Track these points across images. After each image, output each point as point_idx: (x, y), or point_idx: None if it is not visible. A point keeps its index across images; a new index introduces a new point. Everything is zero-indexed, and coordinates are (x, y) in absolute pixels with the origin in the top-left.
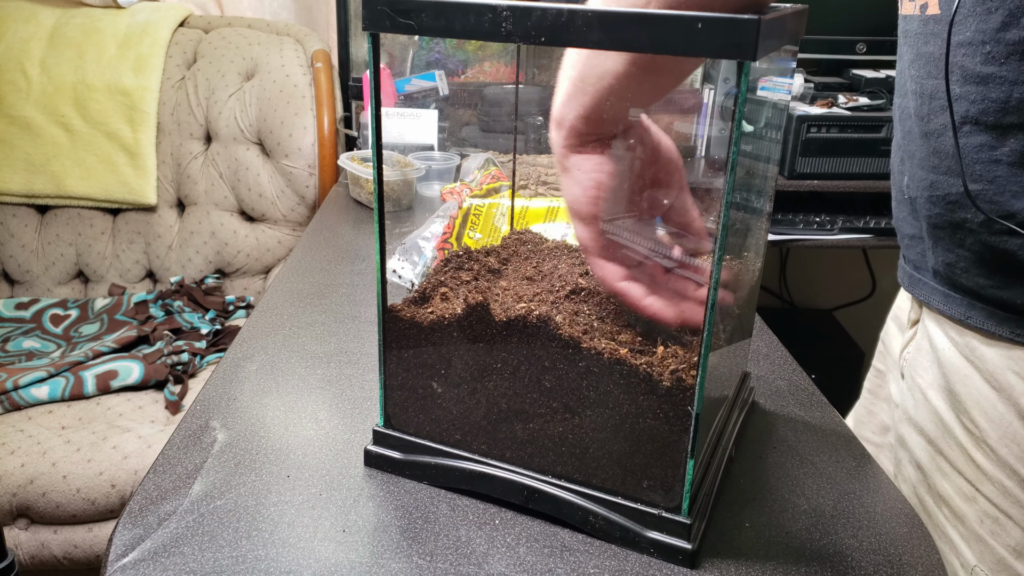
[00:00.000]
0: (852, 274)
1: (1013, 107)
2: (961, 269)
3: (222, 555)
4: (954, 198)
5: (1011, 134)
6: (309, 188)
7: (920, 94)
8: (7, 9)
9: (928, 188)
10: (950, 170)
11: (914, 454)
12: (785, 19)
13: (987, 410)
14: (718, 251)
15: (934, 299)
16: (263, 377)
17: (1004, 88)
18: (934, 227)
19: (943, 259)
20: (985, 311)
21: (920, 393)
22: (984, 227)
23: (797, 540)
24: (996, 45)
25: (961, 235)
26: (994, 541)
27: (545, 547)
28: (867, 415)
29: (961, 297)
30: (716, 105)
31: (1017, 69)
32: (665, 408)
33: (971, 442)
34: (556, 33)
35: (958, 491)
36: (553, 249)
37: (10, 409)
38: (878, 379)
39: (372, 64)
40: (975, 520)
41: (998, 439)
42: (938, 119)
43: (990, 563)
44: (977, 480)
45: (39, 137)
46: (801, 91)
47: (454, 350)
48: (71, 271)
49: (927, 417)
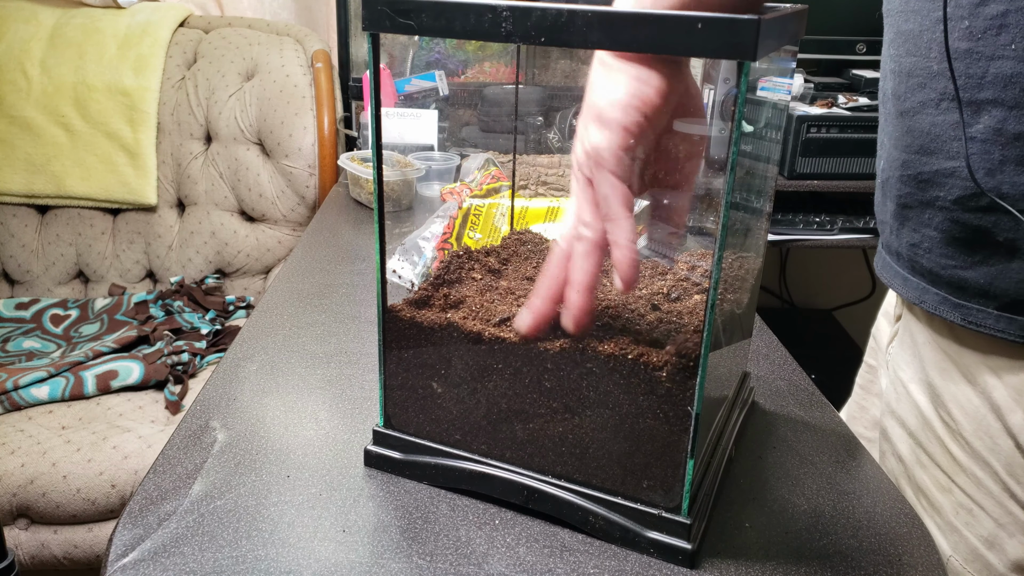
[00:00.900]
0: (852, 274)
1: (988, 82)
2: (925, 249)
3: (222, 555)
4: (926, 176)
5: (984, 110)
6: (309, 188)
7: (898, 73)
8: (7, 9)
9: (900, 167)
10: (922, 148)
11: (896, 447)
12: (785, 19)
13: (963, 403)
14: (718, 251)
15: (895, 283)
16: (263, 377)
17: (981, 64)
18: (903, 207)
19: (908, 239)
20: (938, 296)
21: (902, 386)
22: (957, 204)
23: (797, 540)
24: (975, 20)
25: (930, 213)
26: (968, 532)
27: (545, 547)
28: (859, 410)
29: (918, 281)
30: (716, 105)
31: (993, 44)
32: (665, 408)
33: (948, 434)
34: (556, 33)
35: (935, 482)
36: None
37: (10, 409)
38: (869, 374)
39: (372, 64)
40: (950, 511)
41: (973, 432)
42: (914, 97)
43: (964, 553)
44: (953, 472)
45: (39, 137)
46: (801, 91)
47: (454, 350)
48: (71, 271)
49: (908, 410)
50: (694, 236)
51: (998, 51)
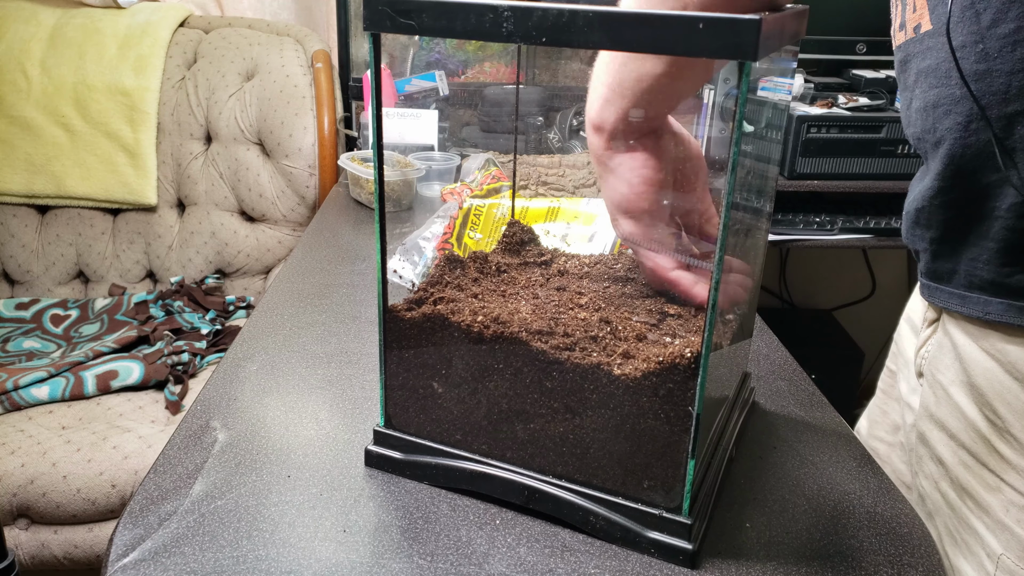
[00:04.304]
0: (852, 274)
1: (1014, 95)
2: (984, 261)
3: (222, 555)
4: (975, 193)
5: (1017, 122)
6: (309, 188)
7: (923, 109)
8: (7, 9)
9: (940, 194)
10: (960, 171)
11: (935, 450)
12: (785, 19)
13: (1009, 400)
14: (718, 251)
15: (952, 303)
16: (263, 377)
17: (1002, 80)
18: (951, 229)
19: (966, 255)
20: (1003, 304)
21: (942, 390)
22: (1011, 211)
23: (797, 540)
24: (989, 41)
25: (987, 225)
26: (1020, 528)
27: (545, 547)
28: (880, 415)
29: (978, 296)
30: (716, 105)
31: (1011, 59)
32: (666, 408)
33: (995, 434)
34: (557, 33)
35: (982, 483)
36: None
37: (10, 409)
38: (891, 379)
39: (372, 64)
40: (1000, 509)
41: (1021, 428)
42: (943, 124)
43: (1016, 550)
44: (1001, 470)
45: (39, 137)
46: (801, 91)
47: (454, 350)
48: (71, 271)
49: (949, 413)
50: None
51: (1016, 65)
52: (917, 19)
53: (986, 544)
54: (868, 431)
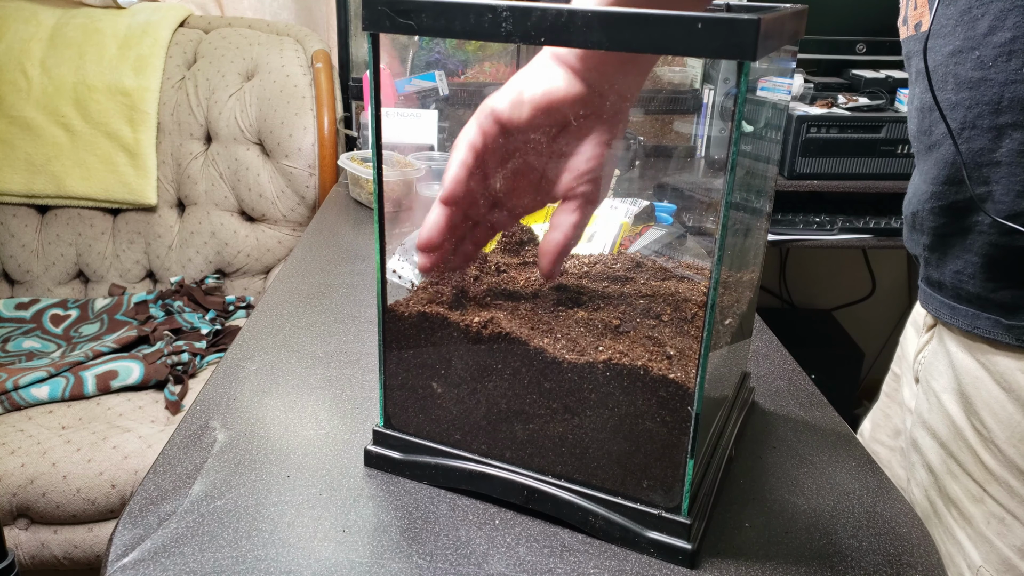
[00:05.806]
0: (852, 274)
1: (1005, 107)
2: (969, 275)
3: (222, 555)
4: (961, 204)
5: (1006, 134)
6: (309, 188)
7: (920, 109)
8: (7, 9)
9: (931, 200)
10: (950, 179)
11: (926, 457)
12: (785, 19)
13: (996, 411)
14: (718, 251)
15: (943, 313)
16: (263, 377)
17: (995, 90)
18: (940, 237)
19: (951, 268)
20: (990, 320)
21: (934, 396)
22: (994, 228)
23: (797, 540)
24: (985, 48)
25: (971, 239)
26: (1000, 542)
27: (545, 547)
28: (883, 418)
29: (966, 308)
30: (716, 105)
31: (1005, 70)
32: (665, 408)
33: (980, 443)
34: (556, 33)
35: (967, 493)
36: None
37: (10, 409)
38: (895, 382)
39: (372, 64)
40: (982, 521)
41: (1006, 439)
42: (938, 128)
43: (995, 563)
44: (985, 481)
45: (39, 137)
46: (801, 91)
47: (454, 350)
48: (71, 271)
49: (940, 420)
50: (694, 236)
51: (1010, 76)
52: (918, 16)
53: (967, 555)
54: (871, 434)
